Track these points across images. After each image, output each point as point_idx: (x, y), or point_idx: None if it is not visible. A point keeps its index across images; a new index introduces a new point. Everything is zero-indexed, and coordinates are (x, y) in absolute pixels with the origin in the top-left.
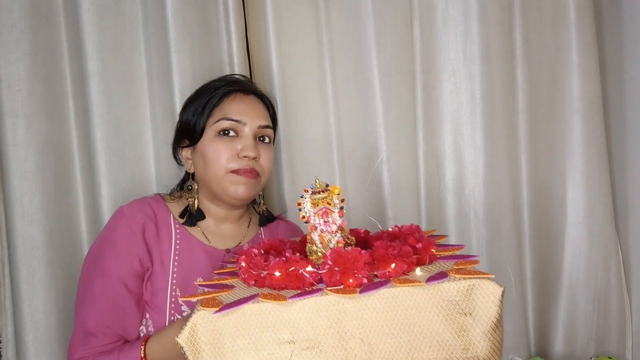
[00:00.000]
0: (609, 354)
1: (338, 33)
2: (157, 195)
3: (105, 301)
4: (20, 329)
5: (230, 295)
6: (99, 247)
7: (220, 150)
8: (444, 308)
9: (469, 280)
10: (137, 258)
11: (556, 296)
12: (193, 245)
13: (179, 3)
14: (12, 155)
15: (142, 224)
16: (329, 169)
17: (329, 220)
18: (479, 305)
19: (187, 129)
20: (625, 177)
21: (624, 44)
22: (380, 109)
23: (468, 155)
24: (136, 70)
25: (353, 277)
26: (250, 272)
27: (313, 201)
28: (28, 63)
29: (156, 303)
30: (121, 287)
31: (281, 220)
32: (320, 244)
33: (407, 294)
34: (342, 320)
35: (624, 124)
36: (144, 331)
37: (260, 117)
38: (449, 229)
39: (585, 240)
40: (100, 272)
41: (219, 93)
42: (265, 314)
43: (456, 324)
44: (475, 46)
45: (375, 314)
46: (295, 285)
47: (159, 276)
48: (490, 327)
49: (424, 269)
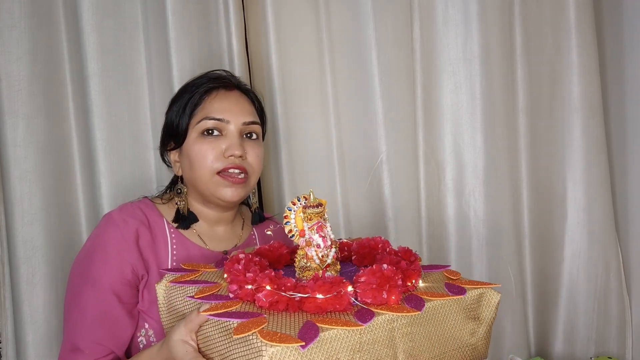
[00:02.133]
0: (609, 354)
1: (338, 33)
2: (144, 198)
3: (95, 313)
4: (20, 329)
5: (275, 325)
6: (88, 255)
7: (204, 152)
8: (462, 315)
9: (480, 290)
10: (129, 266)
11: (556, 296)
12: (190, 249)
13: (179, 3)
14: (12, 155)
15: (135, 229)
16: (329, 169)
17: (324, 235)
18: (484, 310)
19: (171, 131)
20: (625, 177)
21: (624, 44)
22: (380, 109)
23: (468, 155)
24: (136, 70)
25: (396, 295)
26: (282, 296)
27: (307, 215)
28: (28, 63)
29: (155, 311)
30: (112, 297)
31: (271, 221)
32: (318, 260)
33: (441, 306)
34: (395, 338)
35: (624, 124)
36: (143, 342)
37: (245, 114)
38: (449, 229)
39: (585, 240)
40: (89, 282)
41: (199, 91)
42: (336, 341)
43: (469, 328)
44: (475, 46)
45: (420, 327)
46: (340, 308)
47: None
48: (488, 328)
49: (423, 279)
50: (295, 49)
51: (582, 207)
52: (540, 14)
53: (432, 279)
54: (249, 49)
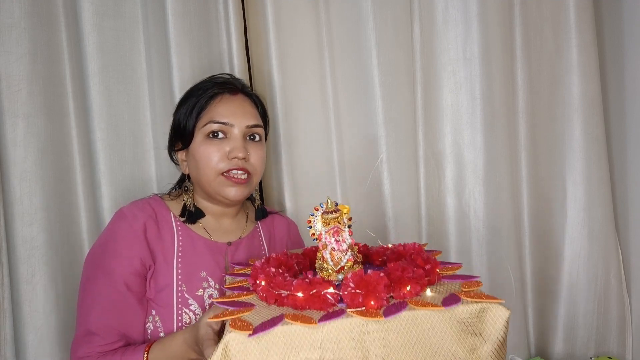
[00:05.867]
0: (609, 354)
1: (338, 33)
2: (154, 195)
3: (107, 301)
4: (20, 329)
5: (254, 315)
6: (101, 247)
7: (210, 153)
8: (457, 329)
9: (480, 304)
10: (138, 258)
11: (556, 296)
12: (195, 240)
13: (179, 3)
14: (12, 155)
15: (143, 223)
16: (329, 169)
17: (340, 239)
18: (488, 326)
19: (179, 131)
20: (625, 177)
21: (624, 44)
22: (380, 109)
23: (468, 155)
24: (136, 70)
25: (375, 300)
26: (271, 292)
27: (324, 220)
28: (28, 63)
29: (162, 299)
30: (123, 286)
31: (276, 215)
32: (332, 261)
33: (426, 317)
34: (366, 341)
35: (624, 124)
36: (151, 328)
37: (249, 117)
38: (449, 229)
39: (585, 240)
40: (102, 272)
41: (205, 96)
42: (294, 335)
43: (467, 343)
44: (475, 46)
45: (396, 334)
46: (317, 306)
47: (163, 273)
48: (497, 347)
49: (433, 289)
50: (295, 50)
51: (582, 207)
52: (540, 14)
53: (444, 289)
54: (249, 49)
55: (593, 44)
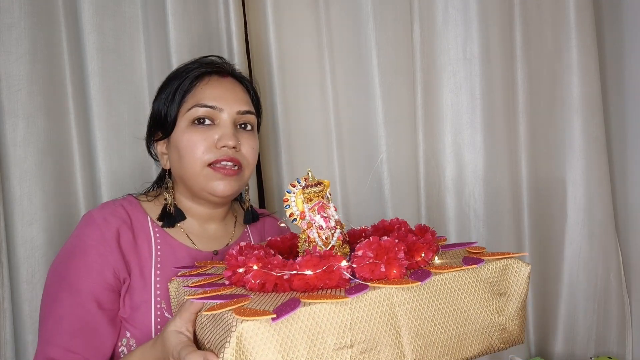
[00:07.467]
0: (609, 354)
1: (338, 33)
2: (129, 195)
3: (72, 322)
4: (20, 329)
5: (254, 305)
6: (65, 257)
7: (195, 142)
8: (484, 290)
9: (503, 261)
10: (110, 269)
11: (556, 296)
12: (176, 249)
13: (179, 3)
14: (11, 155)
15: (116, 229)
16: (330, 169)
17: (327, 216)
18: (511, 284)
19: (159, 120)
20: (625, 177)
21: (624, 44)
22: (380, 109)
23: (468, 155)
24: (136, 70)
25: (397, 268)
26: (270, 275)
27: (306, 196)
28: (28, 63)
29: (137, 318)
30: (92, 304)
31: (267, 217)
32: (320, 241)
33: (455, 280)
34: (397, 315)
35: (624, 124)
36: (124, 352)
37: (240, 102)
38: (449, 229)
39: (585, 240)
40: (66, 287)
41: (190, 77)
42: (321, 317)
43: (494, 305)
44: (475, 46)
45: (426, 303)
46: (333, 283)
47: (140, 288)
48: (520, 305)
49: (441, 256)
50: (296, 49)
51: (582, 207)
52: (540, 14)
53: (451, 255)
54: (249, 48)
55: (593, 44)
